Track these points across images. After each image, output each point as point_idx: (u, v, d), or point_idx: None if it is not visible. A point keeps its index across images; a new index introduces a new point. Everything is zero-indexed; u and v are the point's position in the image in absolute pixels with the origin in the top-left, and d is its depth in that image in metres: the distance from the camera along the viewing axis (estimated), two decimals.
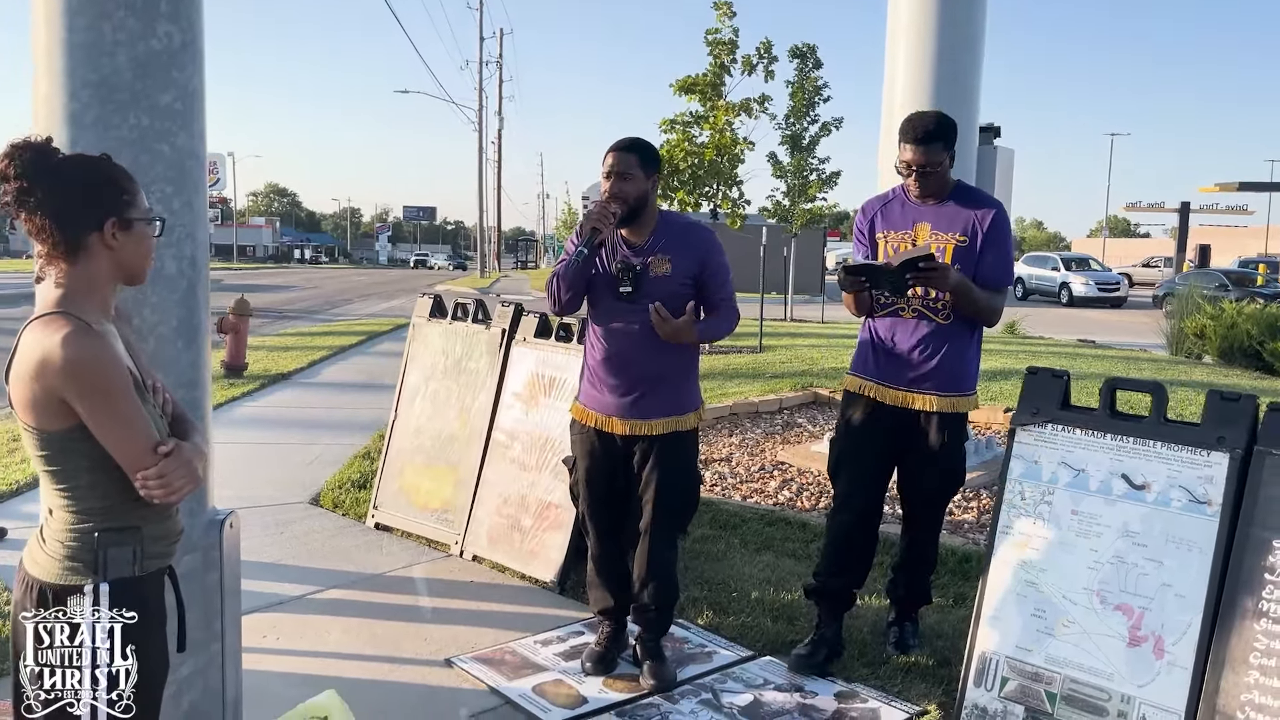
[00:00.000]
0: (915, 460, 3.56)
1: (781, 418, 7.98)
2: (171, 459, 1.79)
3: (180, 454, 1.81)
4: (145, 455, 1.77)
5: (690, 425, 3.40)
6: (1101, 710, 2.85)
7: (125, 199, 1.83)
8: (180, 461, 1.80)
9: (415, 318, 5.34)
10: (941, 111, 3.52)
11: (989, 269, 3.41)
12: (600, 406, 3.37)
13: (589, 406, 3.40)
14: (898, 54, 6.00)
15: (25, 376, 1.71)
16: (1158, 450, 2.89)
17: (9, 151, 1.75)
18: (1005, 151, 6.26)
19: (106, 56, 2.28)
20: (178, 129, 2.40)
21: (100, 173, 1.83)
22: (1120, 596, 2.87)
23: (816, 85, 16.89)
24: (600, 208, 3.23)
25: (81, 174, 1.80)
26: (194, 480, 1.85)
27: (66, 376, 1.69)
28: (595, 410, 3.38)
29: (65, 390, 1.70)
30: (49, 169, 1.76)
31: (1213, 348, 11.47)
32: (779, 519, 5.12)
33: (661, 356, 3.29)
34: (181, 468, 1.80)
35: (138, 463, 1.77)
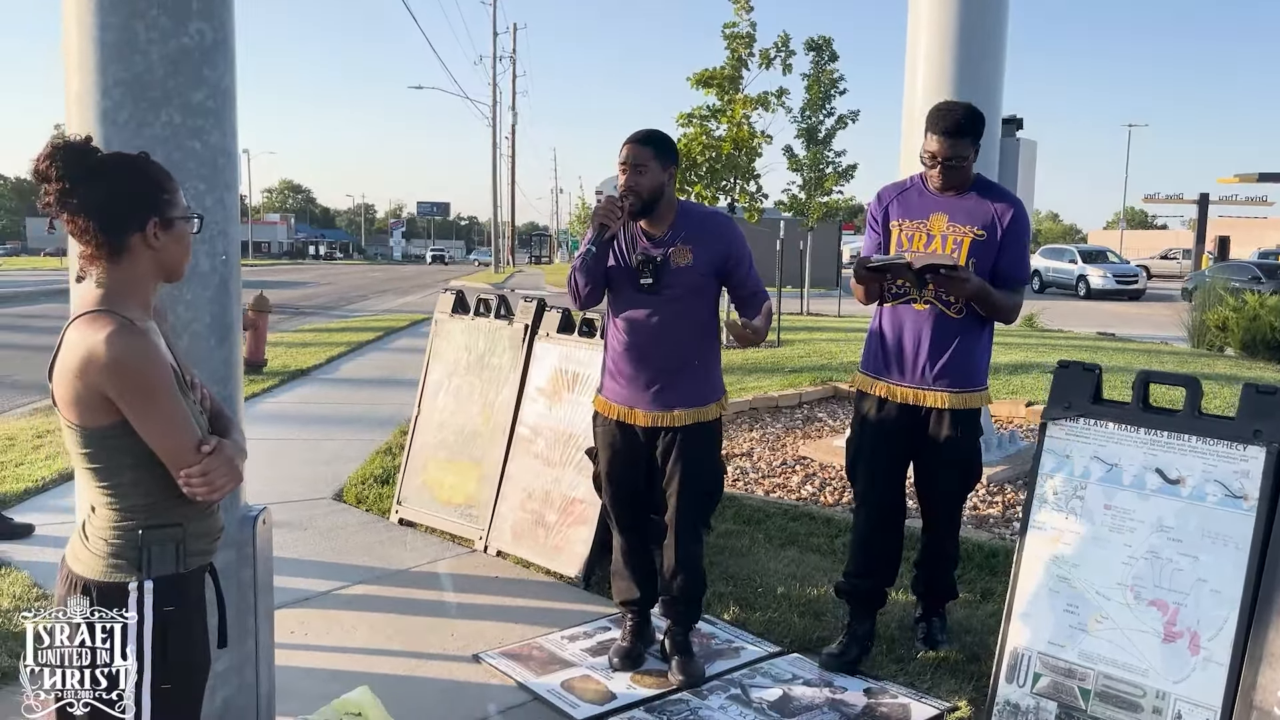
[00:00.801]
0: (930, 457, 3.54)
1: (801, 412, 7.96)
2: (214, 457, 1.79)
3: (222, 452, 1.82)
4: (189, 453, 1.77)
5: (713, 416, 3.38)
6: (1136, 706, 2.82)
7: (166, 198, 1.83)
8: (223, 459, 1.81)
9: (438, 313, 5.34)
10: (971, 104, 3.49)
11: (1008, 266, 3.38)
12: (622, 399, 3.36)
13: (611, 399, 3.40)
14: (918, 44, 5.97)
15: (69, 374, 1.72)
16: (1193, 444, 2.86)
17: (49, 152, 1.74)
18: (1028, 144, 6.21)
19: (139, 54, 2.28)
20: (210, 126, 2.40)
21: (141, 173, 1.82)
22: (1155, 592, 2.85)
23: (832, 78, 16.80)
24: (608, 202, 3.23)
25: (123, 174, 1.80)
26: (236, 477, 1.85)
27: (111, 374, 1.69)
28: (617, 402, 3.37)
29: (109, 388, 1.70)
30: (90, 169, 1.76)
31: (1235, 340, 11.38)
32: (803, 514, 5.10)
33: (683, 347, 3.30)
34: (224, 465, 1.81)
35: (182, 460, 1.77)
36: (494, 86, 48.78)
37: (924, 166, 3.45)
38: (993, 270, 3.36)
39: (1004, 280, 3.37)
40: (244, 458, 1.92)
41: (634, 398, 3.34)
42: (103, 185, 1.76)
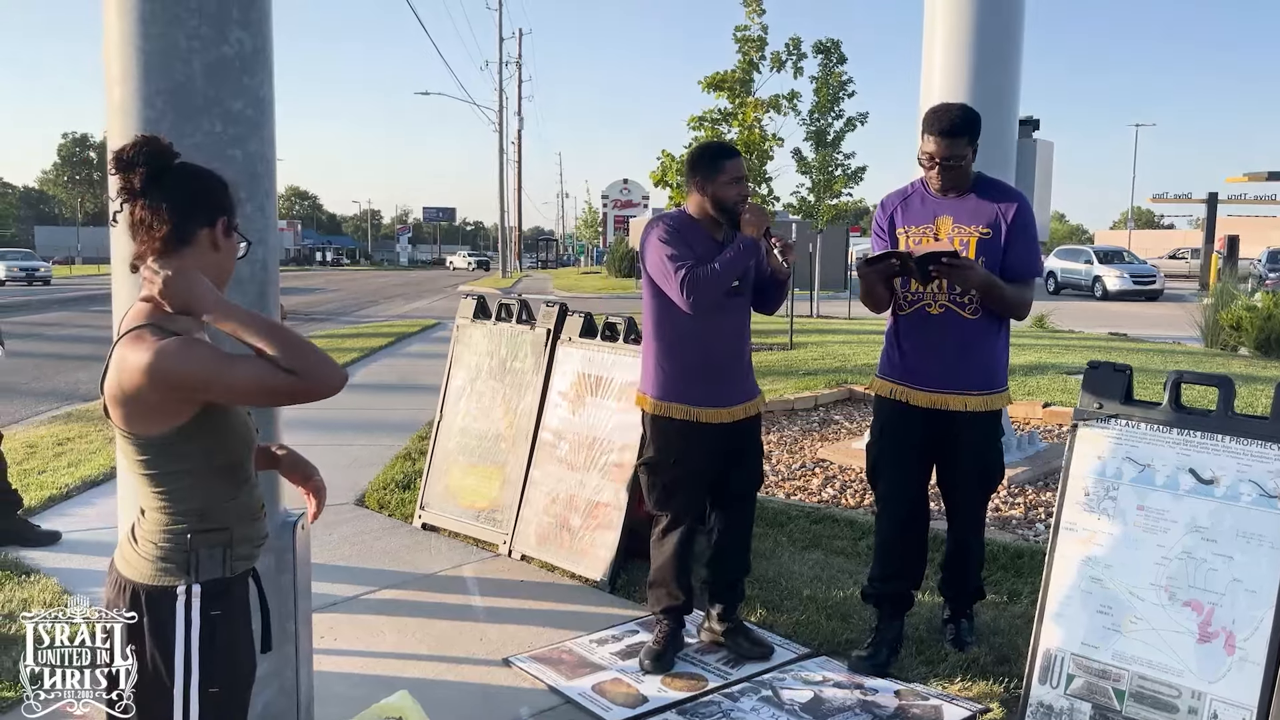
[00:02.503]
0: (953, 459, 3.54)
1: (818, 415, 7.96)
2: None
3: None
4: (268, 374, 1.72)
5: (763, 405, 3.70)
6: (1171, 707, 2.82)
7: (233, 206, 1.91)
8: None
9: (459, 319, 5.36)
10: (967, 105, 3.51)
11: (1017, 260, 3.38)
12: (708, 398, 3.44)
13: (699, 404, 3.44)
14: (934, 46, 5.97)
15: (122, 392, 1.74)
16: (1226, 444, 2.86)
17: (138, 141, 1.82)
18: (1045, 144, 6.22)
19: (181, 63, 2.30)
20: (249, 135, 2.42)
21: (218, 178, 1.90)
22: (1189, 592, 2.85)
23: (841, 80, 16.80)
24: (760, 211, 3.40)
25: (204, 174, 1.89)
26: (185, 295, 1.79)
27: (168, 387, 1.71)
28: (700, 404, 3.44)
29: (167, 394, 1.72)
30: (173, 161, 1.84)
31: (1249, 339, 11.35)
32: (825, 516, 5.10)
33: (747, 343, 3.59)
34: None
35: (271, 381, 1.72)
36: (500, 92, 48.93)
37: (923, 169, 3.46)
38: (1001, 266, 3.36)
39: (1014, 274, 3.37)
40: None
41: (721, 395, 3.46)
42: (185, 177, 1.85)
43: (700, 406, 3.42)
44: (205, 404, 1.79)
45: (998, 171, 3.52)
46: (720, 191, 3.37)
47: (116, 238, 2.42)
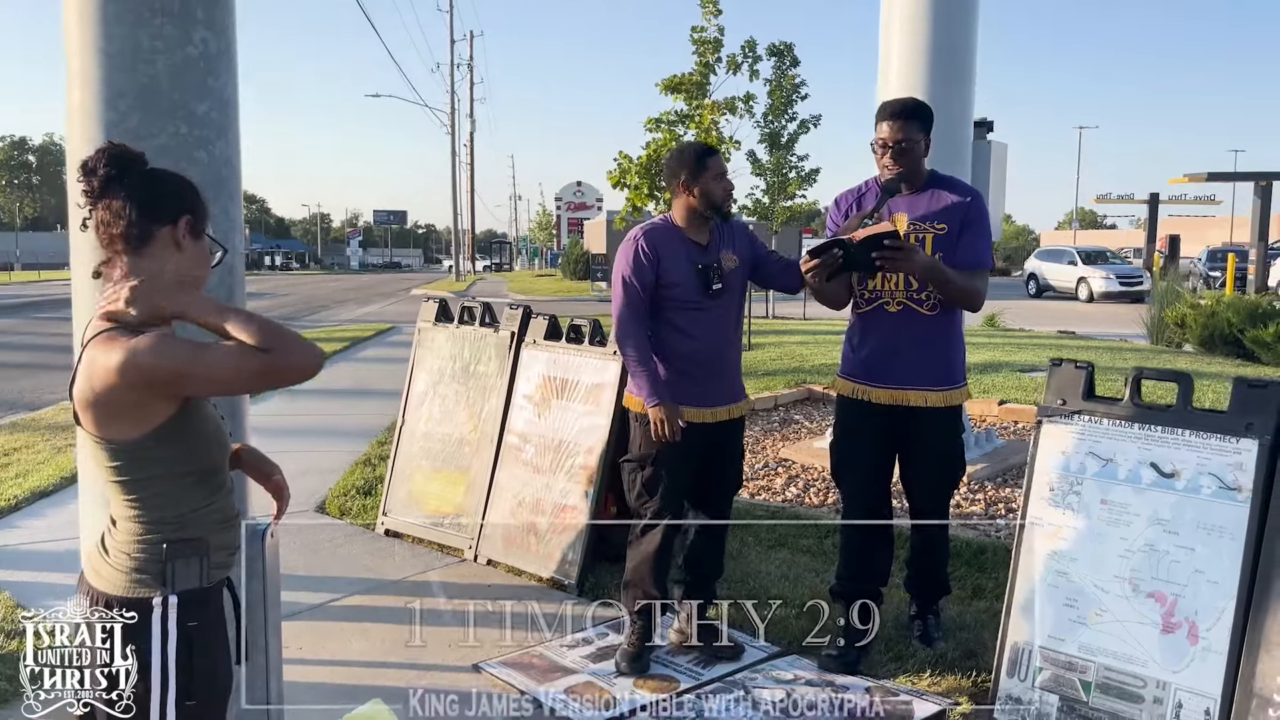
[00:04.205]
0: (916, 455, 3.59)
1: (778, 415, 8.00)
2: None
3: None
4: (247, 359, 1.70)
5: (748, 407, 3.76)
6: (1137, 697, 2.88)
7: (202, 209, 1.88)
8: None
9: (420, 322, 5.31)
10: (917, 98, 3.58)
11: (966, 248, 3.42)
12: (694, 398, 3.47)
13: (682, 402, 3.45)
14: (891, 48, 6.04)
15: (93, 394, 1.70)
16: (1186, 438, 2.93)
17: (103, 146, 1.82)
18: (999, 145, 6.32)
19: (145, 64, 2.26)
20: (214, 137, 2.38)
21: (185, 180, 1.89)
22: (1153, 584, 2.91)
23: (794, 83, 16.89)
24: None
25: (168, 175, 1.87)
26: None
27: (143, 386, 1.68)
28: (692, 404, 3.47)
29: (148, 394, 1.69)
30: (138, 166, 1.83)
31: (1193, 336, 11.63)
32: (789, 515, 5.14)
33: (735, 343, 3.62)
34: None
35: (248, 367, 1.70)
36: (452, 94, 48.56)
37: (876, 157, 3.50)
38: (953, 257, 3.40)
39: (962, 264, 3.40)
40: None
41: (707, 395, 3.49)
42: (146, 177, 1.83)
43: (685, 406, 3.44)
44: (181, 403, 1.76)
45: (953, 172, 3.57)
46: (708, 187, 3.41)
47: (76, 244, 2.37)
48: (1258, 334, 10.40)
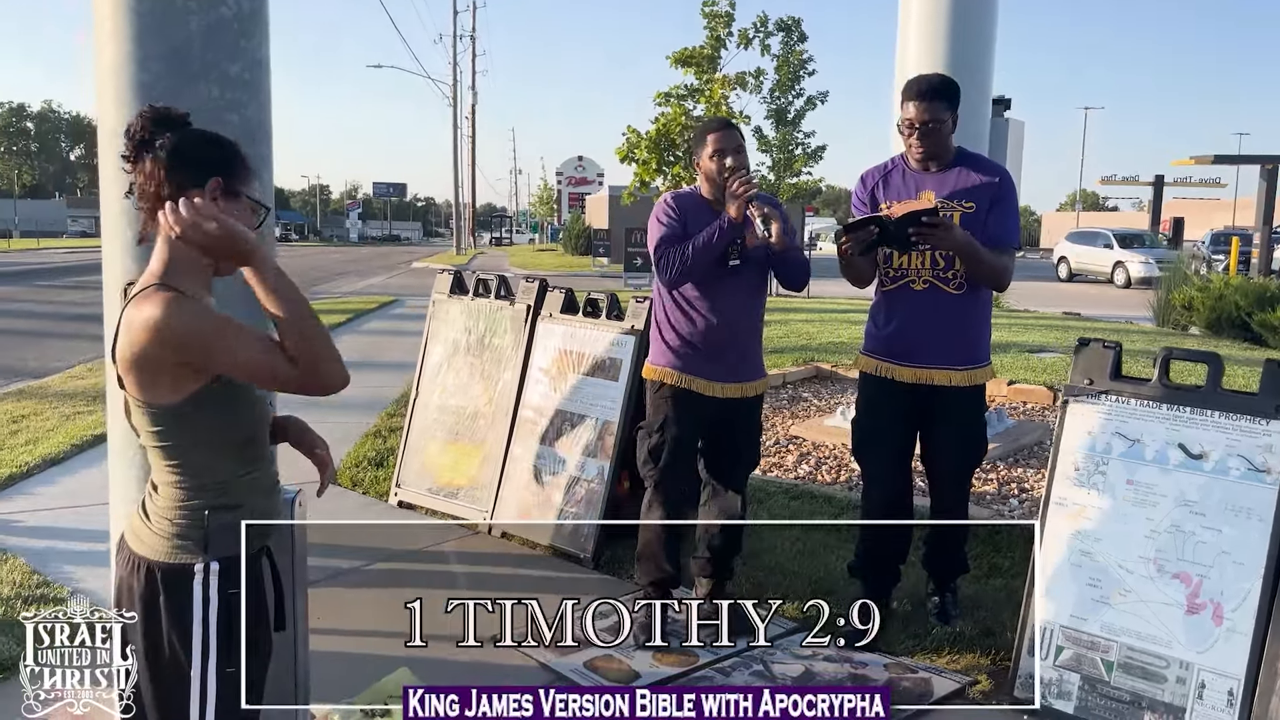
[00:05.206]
0: (938, 434, 3.57)
1: (786, 392, 7.99)
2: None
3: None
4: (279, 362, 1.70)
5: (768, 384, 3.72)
6: (1159, 677, 2.88)
7: (238, 169, 1.82)
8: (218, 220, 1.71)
9: (435, 294, 5.28)
10: (944, 74, 3.53)
11: (995, 226, 3.39)
12: (703, 371, 3.45)
13: (687, 371, 3.45)
14: (909, 23, 5.98)
15: (134, 353, 1.68)
16: (1215, 419, 2.92)
17: (145, 109, 1.79)
18: (1016, 124, 6.29)
19: (178, 25, 2.23)
20: (247, 99, 2.36)
21: (219, 141, 1.84)
22: (1178, 565, 2.91)
23: (801, 59, 16.83)
24: (743, 179, 3.29)
25: (196, 136, 1.82)
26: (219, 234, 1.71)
27: (172, 344, 1.66)
28: (695, 375, 3.45)
29: (176, 355, 1.67)
30: (176, 125, 1.80)
31: (1200, 319, 11.62)
32: (803, 492, 5.13)
33: (754, 322, 3.56)
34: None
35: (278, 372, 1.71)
36: (454, 65, 48.29)
37: (903, 138, 3.46)
38: (982, 237, 3.37)
39: (990, 242, 3.37)
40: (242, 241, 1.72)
41: (716, 370, 3.45)
42: (178, 139, 1.78)
43: (694, 376, 3.43)
44: (212, 377, 1.74)
45: (971, 149, 3.54)
46: (705, 165, 3.39)
47: (108, 212, 2.34)
48: (1265, 317, 10.39)
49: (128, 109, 2.18)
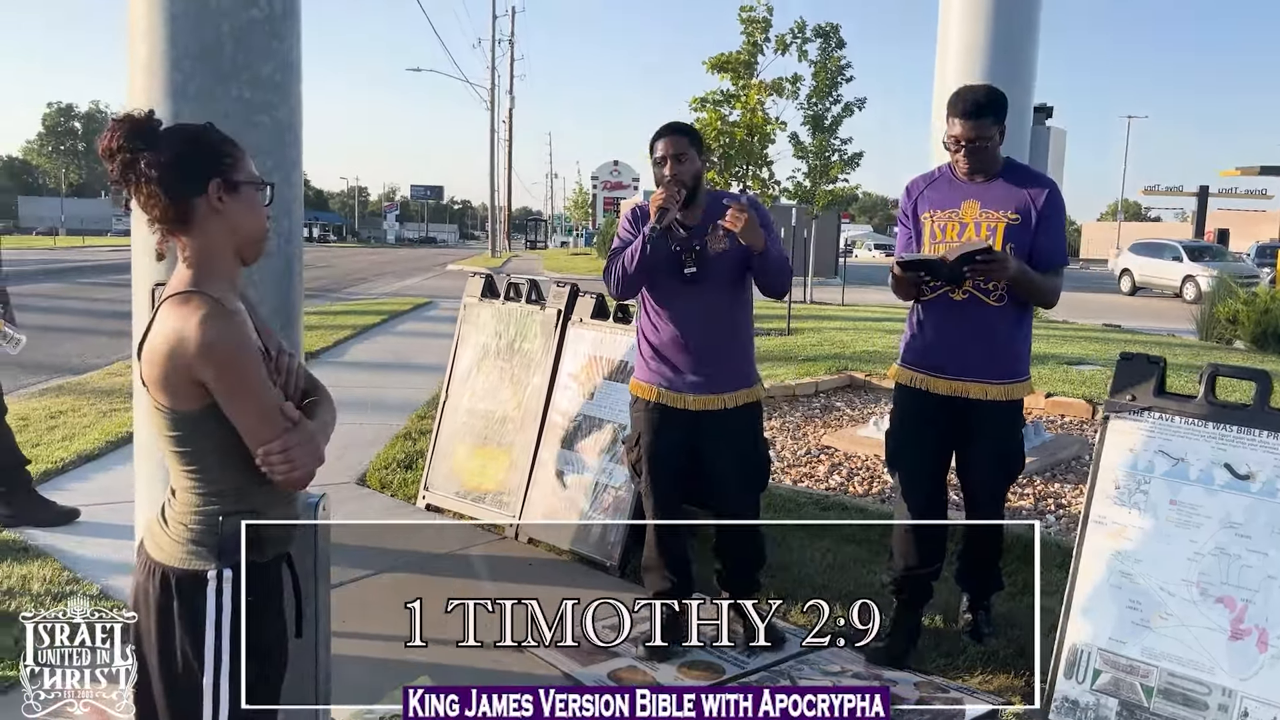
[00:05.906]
0: (974, 449, 3.49)
1: (819, 401, 7.92)
2: (295, 433, 1.73)
3: (303, 429, 1.75)
4: (272, 428, 1.71)
5: (759, 396, 3.52)
6: (1201, 704, 2.79)
7: (229, 162, 1.78)
8: (304, 436, 1.74)
9: (466, 297, 5.28)
10: (991, 85, 3.45)
11: (1045, 247, 3.32)
12: (670, 384, 3.39)
13: (656, 384, 3.41)
14: (949, 31, 5.89)
15: (161, 356, 1.66)
16: (1264, 439, 2.82)
17: (113, 126, 1.73)
18: (1058, 132, 6.17)
19: (210, 26, 2.22)
20: (278, 101, 2.34)
21: (200, 138, 1.78)
22: (1222, 589, 2.81)
23: (839, 65, 16.70)
24: (668, 188, 3.25)
25: (183, 140, 1.77)
26: (316, 458, 1.78)
27: (203, 358, 1.64)
28: (663, 387, 3.40)
29: (201, 371, 1.65)
30: (151, 137, 1.73)
31: (1245, 333, 11.37)
32: (834, 504, 5.06)
33: (726, 331, 3.40)
34: (305, 443, 1.74)
35: (263, 437, 1.71)
36: (493, 70, 48.54)
37: (949, 153, 3.40)
38: (1029, 254, 3.31)
39: (1042, 263, 3.31)
40: (326, 437, 1.84)
41: (683, 383, 3.38)
42: (162, 150, 1.72)
43: (665, 389, 3.40)
44: None
45: (1010, 156, 3.47)
46: (654, 172, 3.35)
47: (137, 212, 2.33)
48: None
49: (160, 109, 2.16)
